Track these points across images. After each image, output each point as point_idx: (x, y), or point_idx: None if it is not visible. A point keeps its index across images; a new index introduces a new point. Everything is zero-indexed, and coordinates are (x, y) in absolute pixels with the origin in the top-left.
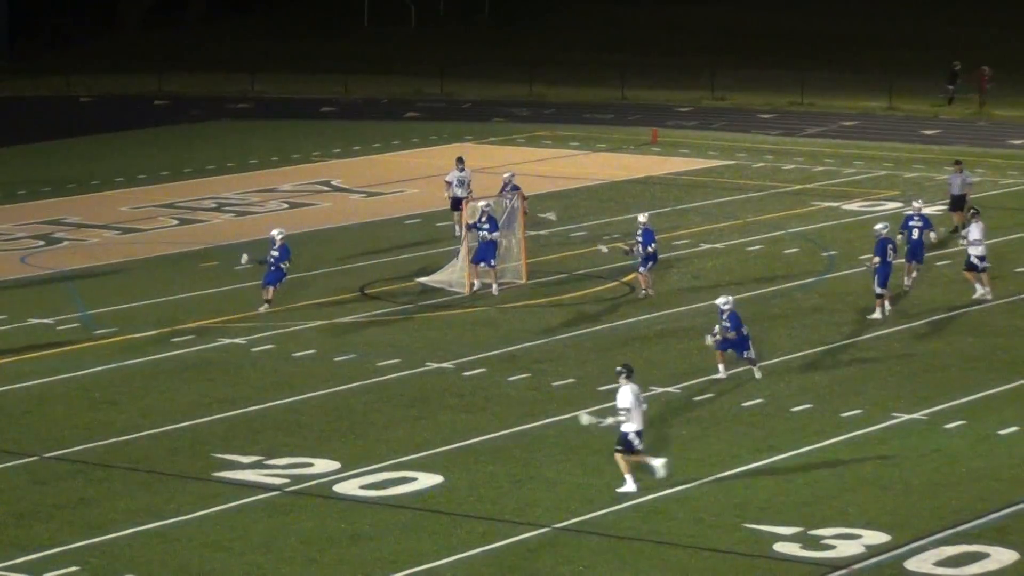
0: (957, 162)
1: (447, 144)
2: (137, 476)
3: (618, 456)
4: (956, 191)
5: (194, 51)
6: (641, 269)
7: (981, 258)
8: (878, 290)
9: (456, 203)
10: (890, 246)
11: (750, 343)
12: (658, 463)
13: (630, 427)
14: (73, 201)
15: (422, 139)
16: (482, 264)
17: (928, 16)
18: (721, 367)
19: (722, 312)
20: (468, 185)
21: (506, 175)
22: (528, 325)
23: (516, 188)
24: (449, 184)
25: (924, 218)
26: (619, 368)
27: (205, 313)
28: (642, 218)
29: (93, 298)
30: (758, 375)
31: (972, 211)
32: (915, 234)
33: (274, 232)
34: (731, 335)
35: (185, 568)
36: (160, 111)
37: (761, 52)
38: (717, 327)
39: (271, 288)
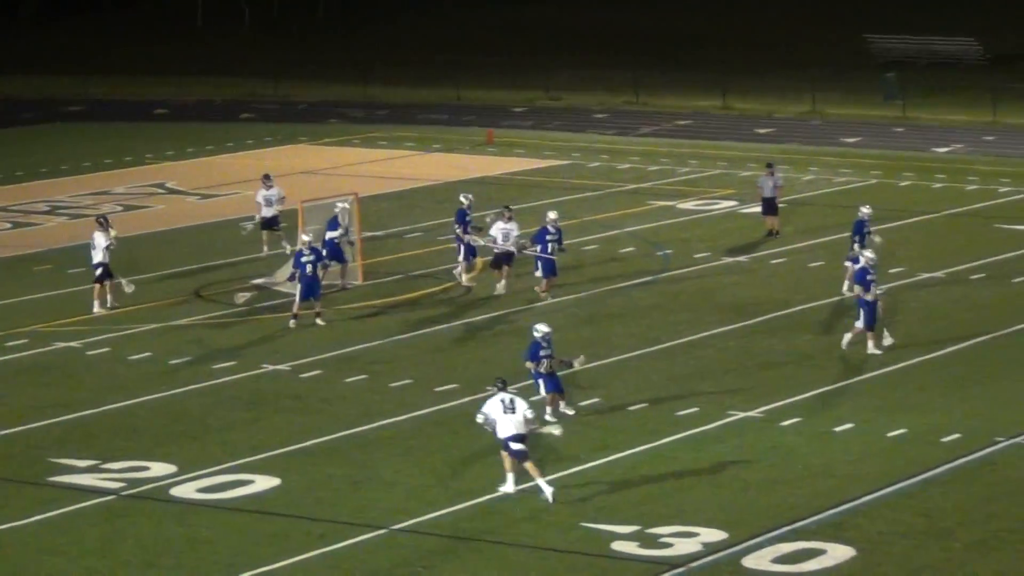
0: (769, 165)
1: (282, 145)
2: None
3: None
4: (768, 193)
5: (26, 52)
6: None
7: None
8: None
9: (267, 223)
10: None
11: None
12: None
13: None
14: None
15: (257, 141)
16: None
17: (761, 15)
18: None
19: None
20: (278, 203)
21: (551, 215)
22: (364, 326)
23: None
24: (259, 205)
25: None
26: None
27: (39, 317)
28: (552, 215)
29: None
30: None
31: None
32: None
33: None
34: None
35: (20, 574)
36: None
37: (595, 52)
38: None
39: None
